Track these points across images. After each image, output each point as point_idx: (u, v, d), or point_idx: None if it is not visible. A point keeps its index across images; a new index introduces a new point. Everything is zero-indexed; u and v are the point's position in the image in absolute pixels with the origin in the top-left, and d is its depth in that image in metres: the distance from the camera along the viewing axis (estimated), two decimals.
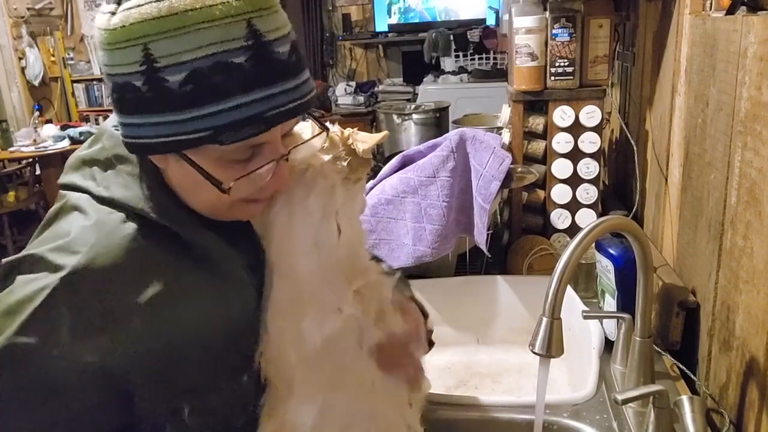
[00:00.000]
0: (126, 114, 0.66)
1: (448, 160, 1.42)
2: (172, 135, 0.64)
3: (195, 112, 0.63)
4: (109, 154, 0.72)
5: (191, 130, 0.63)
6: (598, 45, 1.52)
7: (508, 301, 1.46)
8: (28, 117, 5.71)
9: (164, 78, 0.62)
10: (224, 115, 0.63)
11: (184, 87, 0.62)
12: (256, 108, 0.64)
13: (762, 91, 0.88)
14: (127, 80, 0.64)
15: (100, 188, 0.70)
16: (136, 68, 0.62)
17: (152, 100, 0.63)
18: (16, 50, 5.84)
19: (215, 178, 0.67)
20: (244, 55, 0.62)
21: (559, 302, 0.83)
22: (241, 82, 0.63)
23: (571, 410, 1.07)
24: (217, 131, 0.63)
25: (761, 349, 0.89)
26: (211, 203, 0.72)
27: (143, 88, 0.63)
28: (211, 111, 0.63)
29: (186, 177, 0.70)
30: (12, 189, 4.79)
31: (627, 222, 0.96)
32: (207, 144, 0.65)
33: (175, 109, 0.63)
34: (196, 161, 0.67)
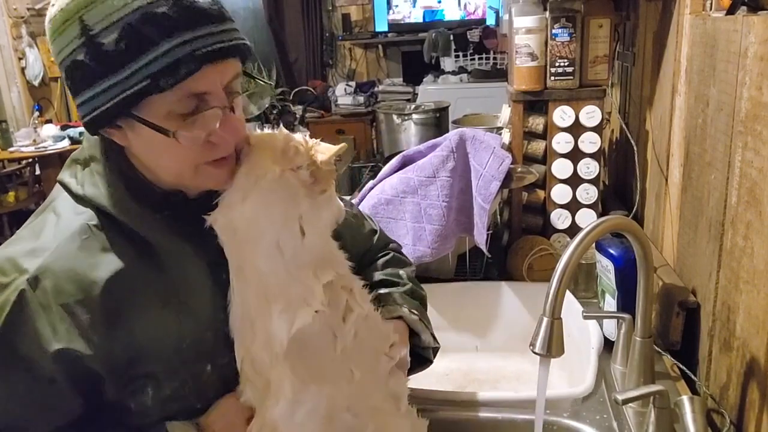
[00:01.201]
0: (80, 93, 0.72)
1: (448, 160, 1.42)
2: (119, 94, 0.69)
3: (133, 66, 0.68)
4: (87, 154, 0.80)
5: (133, 84, 0.69)
6: (598, 45, 1.52)
7: (508, 307, 1.45)
8: (27, 117, 5.71)
9: (101, 42, 0.68)
10: (158, 61, 0.68)
11: (119, 44, 0.68)
12: (185, 49, 0.69)
13: (762, 91, 0.87)
14: (74, 58, 0.70)
15: (78, 186, 0.78)
16: (78, 43, 0.69)
17: (95, 68, 0.69)
18: (15, 50, 5.83)
19: (163, 126, 0.72)
20: (166, 4, 0.69)
21: (560, 302, 0.83)
22: (167, 29, 0.69)
23: (571, 410, 1.07)
24: (155, 78, 0.68)
25: (762, 349, 0.89)
26: (176, 169, 0.77)
27: (86, 59, 0.69)
28: (146, 61, 0.68)
29: (146, 145, 0.75)
30: (12, 189, 4.78)
31: (627, 222, 0.96)
32: (150, 95, 0.69)
33: (115, 69, 0.69)
34: (147, 119, 0.72)
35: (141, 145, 0.76)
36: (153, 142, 0.74)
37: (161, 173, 0.78)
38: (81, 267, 0.74)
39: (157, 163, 0.77)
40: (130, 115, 0.72)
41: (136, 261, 0.76)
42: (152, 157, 0.77)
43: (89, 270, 0.74)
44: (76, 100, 0.74)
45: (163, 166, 0.78)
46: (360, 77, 5.70)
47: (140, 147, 0.76)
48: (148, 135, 0.73)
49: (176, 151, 0.74)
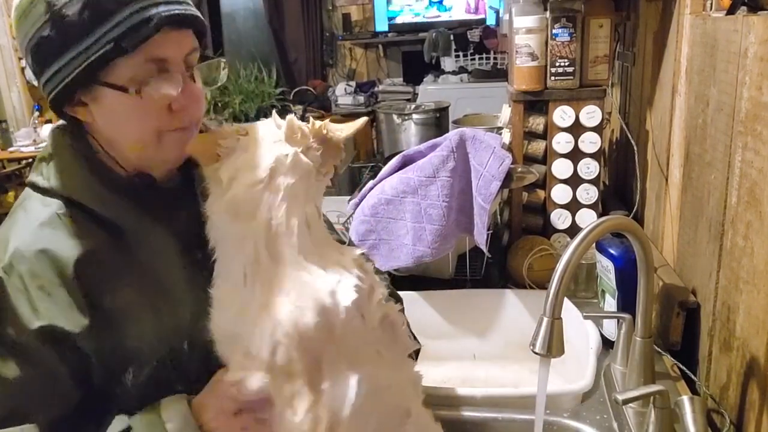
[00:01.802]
0: (47, 68, 0.77)
1: (448, 160, 1.41)
2: (84, 61, 0.75)
3: (97, 33, 0.74)
4: (48, 152, 0.84)
5: (98, 49, 0.74)
6: (598, 45, 1.52)
7: (506, 315, 1.45)
8: (27, 117, 5.70)
9: (65, 14, 0.74)
10: (120, 26, 0.74)
11: (82, 15, 0.74)
12: (144, 14, 0.75)
13: (762, 91, 0.87)
14: (39, 35, 0.76)
15: (45, 181, 0.82)
16: (43, 20, 0.75)
17: (61, 40, 0.75)
18: (16, 50, 5.83)
19: (124, 84, 0.76)
20: None
21: (560, 302, 0.83)
22: None
23: (571, 410, 1.07)
24: (117, 41, 0.74)
25: (762, 349, 0.89)
26: (139, 136, 0.81)
27: (51, 32, 0.75)
28: (109, 27, 0.74)
29: (109, 115, 0.79)
30: (11, 189, 4.78)
31: (627, 222, 0.96)
32: (114, 58, 0.75)
33: (80, 38, 0.75)
34: (111, 82, 0.77)
35: (105, 117, 0.80)
36: (117, 110, 0.78)
37: (126, 145, 0.82)
38: (52, 250, 0.77)
39: (122, 132, 0.81)
40: (95, 81, 0.76)
41: (107, 244, 0.79)
42: (116, 127, 0.81)
43: (60, 252, 0.77)
44: (42, 79, 0.78)
45: (127, 136, 0.81)
46: (360, 77, 5.70)
47: (104, 119, 0.80)
48: (112, 103, 0.78)
49: (139, 116, 0.79)
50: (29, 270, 0.76)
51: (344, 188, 2.74)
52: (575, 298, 1.39)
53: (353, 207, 1.52)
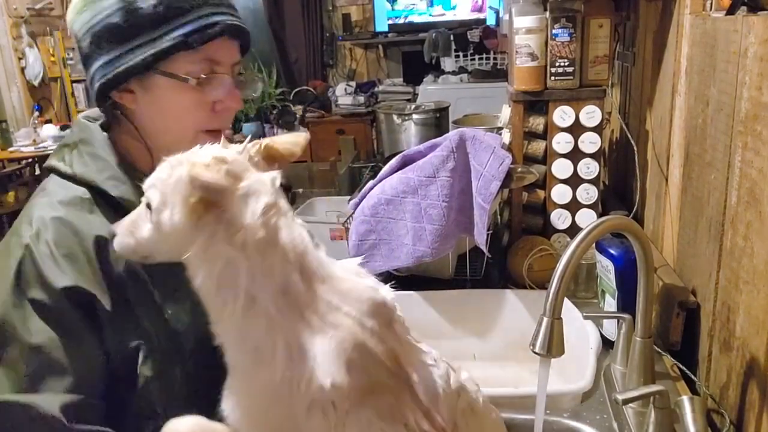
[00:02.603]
0: (106, 52, 0.82)
1: (448, 160, 1.41)
2: (149, 50, 0.81)
3: (166, 27, 0.81)
4: (76, 138, 0.88)
5: (165, 41, 0.81)
6: (598, 45, 1.52)
7: (506, 315, 1.44)
8: (27, 117, 5.70)
9: (139, 6, 0.81)
10: (189, 24, 0.81)
11: (156, 9, 0.81)
12: (212, 18, 0.83)
13: (762, 91, 0.87)
14: (106, 22, 0.81)
15: (66, 167, 0.86)
16: (115, 8, 0.81)
17: (129, 29, 0.81)
18: (15, 50, 5.83)
19: (184, 75, 0.83)
20: None
21: (560, 302, 0.83)
22: (198, 1, 0.83)
23: (571, 410, 1.07)
24: (186, 37, 0.81)
25: (762, 349, 0.89)
26: (179, 131, 0.86)
27: (121, 20, 0.81)
28: (179, 24, 0.81)
29: (155, 106, 0.85)
30: (12, 189, 4.78)
31: (627, 222, 0.96)
32: (179, 51, 0.81)
33: (149, 29, 0.81)
34: (172, 72, 0.83)
35: (152, 106, 0.85)
36: (168, 99, 0.84)
37: (163, 136, 0.86)
38: (74, 223, 0.82)
39: (165, 122, 0.86)
40: (154, 70, 0.82)
41: None
42: (161, 116, 0.86)
43: (81, 226, 0.82)
44: (98, 62, 0.83)
45: (168, 126, 0.86)
46: (360, 77, 5.70)
47: (151, 107, 0.85)
48: (165, 93, 0.84)
49: (187, 108, 0.85)
50: (54, 238, 0.81)
51: (344, 188, 2.74)
52: (575, 298, 1.39)
53: (353, 207, 1.52)
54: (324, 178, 3.32)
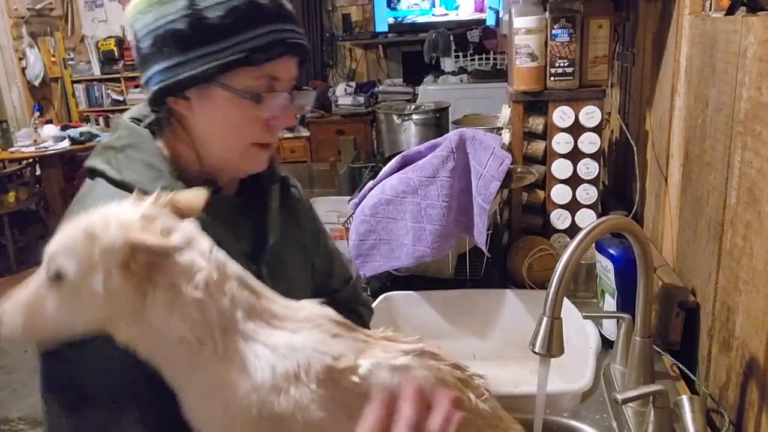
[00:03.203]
0: (167, 57, 0.80)
1: (447, 160, 1.42)
2: (213, 61, 0.79)
3: (233, 40, 0.79)
4: (125, 142, 0.85)
5: (229, 54, 0.79)
6: (597, 45, 1.52)
7: (506, 314, 1.44)
8: (28, 117, 5.71)
9: (206, 16, 0.78)
10: (255, 40, 0.79)
11: (224, 20, 0.78)
12: (277, 35, 0.81)
13: (762, 91, 0.88)
14: (170, 27, 0.79)
15: (114, 171, 0.83)
16: (182, 13, 0.78)
17: (194, 37, 0.79)
18: (16, 50, 5.83)
19: (248, 91, 0.81)
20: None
21: (560, 302, 0.83)
22: (266, 16, 0.80)
23: (571, 410, 1.07)
24: (251, 52, 0.79)
25: (761, 349, 0.89)
26: (231, 144, 0.85)
27: (186, 28, 0.78)
28: (245, 38, 0.79)
29: (211, 117, 0.83)
30: (12, 189, 4.79)
31: (627, 222, 0.96)
32: (242, 66, 0.79)
33: (215, 40, 0.78)
34: (231, 86, 0.81)
35: (207, 116, 0.83)
36: (224, 111, 0.82)
37: (215, 146, 0.85)
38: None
39: (218, 133, 0.84)
40: (215, 81, 0.80)
41: None
42: (215, 127, 0.84)
43: None
44: (157, 66, 0.80)
45: (222, 137, 0.85)
46: (360, 77, 5.70)
47: (206, 117, 0.83)
48: (222, 105, 0.82)
49: (242, 122, 0.83)
50: None
51: (344, 188, 2.74)
52: (575, 298, 1.39)
53: (353, 207, 1.52)
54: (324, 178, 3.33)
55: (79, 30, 6.12)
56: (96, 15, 6.08)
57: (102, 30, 6.05)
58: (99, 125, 6.00)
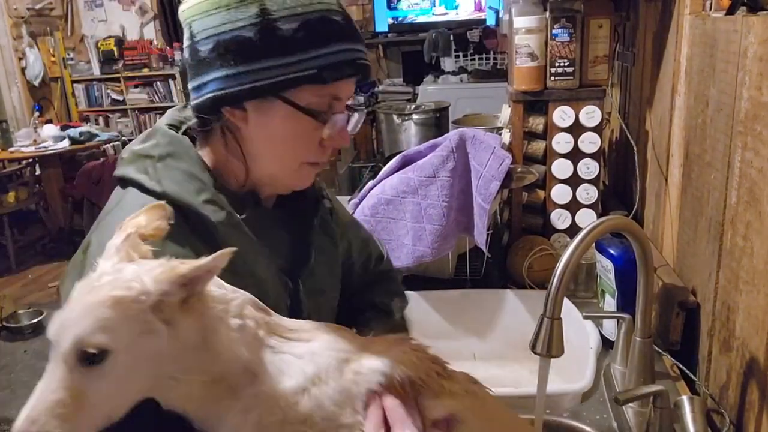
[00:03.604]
0: (230, 66, 0.75)
1: (448, 160, 1.42)
2: (280, 75, 0.75)
3: (304, 55, 0.75)
4: (163, 150, 0.79)
5: (300, 69, 0.75)
6: (598, 45, 1.52)
7: (506, 314, 1.45)
8: (28, 117, 5.71)
9: (279, 27, 0.74)
10: (327, 57, 0.76)
11: (297, 34, 0.74)
12: (348, 55, 0.77)
13: (762, 91, 0.88)
14: (237, 34, 0.74)
15: (153, 182, 0.77)
16: (251, 21, 0.74)
17: (262, 48, 0.74)
18: (16, 50, 5.83)
19: (313, 109, 0.77)
20: (338, 16, 0.78)
21: (560, 302, 0.83)
22: (339, 35, 0.77)
23: (571, 410, 1.07)
24: (321, 70, 0.75)
25: (761, 349, 0.89)
26: (286, 160, 0.81)
27: (255, 37, 0.74)
28: (317, 54, 0.75)
29: (267, 132, 0.79)
30: (12, 189, 4.79)
31: (627, 222, 0.96)
32: (309, 83, 0.75)
33: (285, 53, 0.75)
34: (297, 102, 0.77)
35: (264, 129, 0.79)
36: (283, 127, 0.78)
37: (268, 161, 0.81)
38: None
39: (271, 152, 0.81)
40: (278, 96, 0.76)
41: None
42: (267, 143, 0.80)
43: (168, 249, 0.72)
44: (218, 72, 0.75)
45: (276, 153, 0.81)
46: None
47: (262, 131, 0.79)
48: (282, 120, 0.78)
49: (299, 139, 0.80)
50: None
51: (344, 188, 2.74)
52: (575, 298, 1.39)
53: (353, 207, 1.52)
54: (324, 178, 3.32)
55: (79, 30, 6.12)
56: (96, 15, 6.08)
57: (102, 30, 6.05)
58: (99, 125, 6.01)
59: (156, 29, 6.06)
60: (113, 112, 6.18)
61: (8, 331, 1.53)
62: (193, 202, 0.76)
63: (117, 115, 6.19)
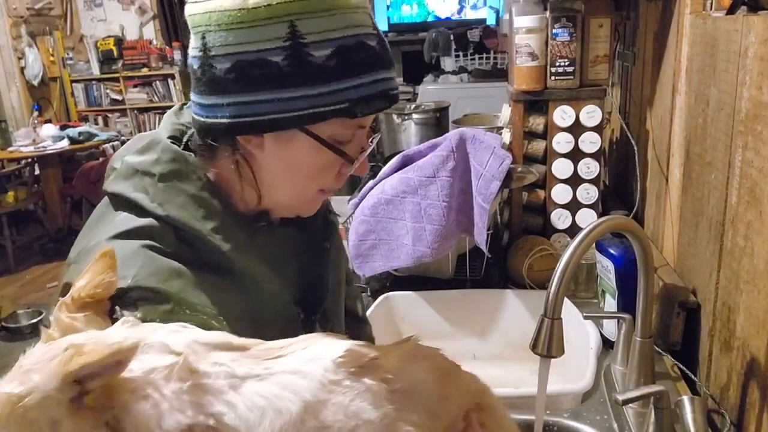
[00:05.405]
0: (251, 91, 0.67)
1: (448, 160, 1.41)
2: (308, 108, 0.67)
3: (334, 86, 0.67)
4: (165, 169, 0.72)
5: (329, 103, 0.67)
6: (598, 45, 1.52)
7: (506, 314, 1.45)
8: (27, 117, 5.70)
9: (310, 53, 0.65)
10: (360, 89, 0.68)
11: (329, 61, 0.66)
12: (382, 86, 0.70)
13: (762, 90, 0.87)
14: (261, 56, 0.66)
15: (154, 204, 0.70)
16: (279, 44, 0.65)
17: (291, 74, 0.66)
18: (15, 50, 5.83)
19: (341, 149, 0.71)
20: (374, 40, 0.70)
21: (560, 302, 0.82)
22: (374, 63, 0.69)
23: (572, 410, 1.07)
24: (353, 104, 0.68)
25: (762, 349, 0.89)
26: (296, 193, 0.76)
27: (282, 62, 0.65)
28: (350, 85, 0.67)
29: (285, 161, 0.72)
30: (11, 189, 4.79)
31: (627, 222, 0.96)
32: (341, 116, 0.68)
33: (315, 83, 0.66)
34: (322, 137, 0.70)
35: (278, 161, 0.72)
36: (297, 161, 0.72)
37: (278, 192, 0.75)
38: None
39: (288, 181, 0.74)
40: (300, 127, 0.69)
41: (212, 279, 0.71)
42: (285, 173, 0.73)
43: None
44: (236, 97, 0.67)
45: (289, 185, 0.75)
46: None
47: (276, 162, 0.72)
48: (301, 151, 0.71)
49: (315, 173, 0.74)
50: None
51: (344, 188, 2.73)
52: (575, 298, 1.39)
53: (353, 207, 1.52)
54: None
55: (78, 29, 6.12)
56: (95, 14, 6.07)
57: (101, 29, 6.05)
58: (98, 125, 6.01)
59: (155, 29, 6.06)
60: (112, 111, 6.18)
61: (7, 331, 1.53)
62: (201, 230, 0.70)
63: (116, 114, 6.19)
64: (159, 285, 0.65)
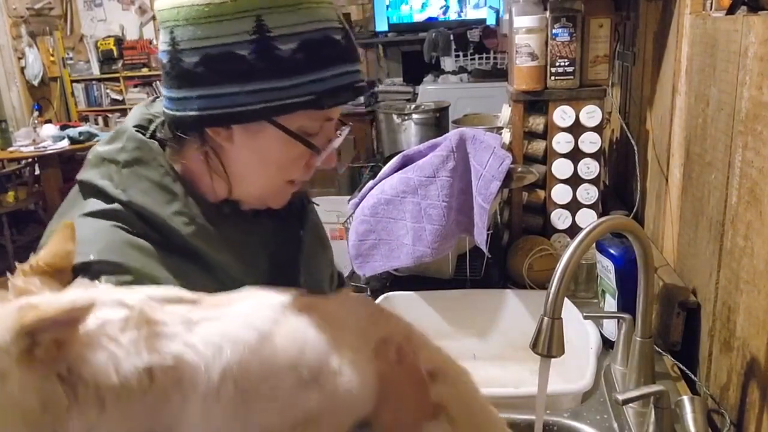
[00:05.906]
0: (218, 84, 0.69)
1: (448, 160, 1.41)
2: (274, 100, 0.69)
3: (301, 79, 0.69)
4: (130, 156, 0.74)
5: (295, 95, 0.69)
6: (598, 45, 1.52)
7: (506, 314, 1.44)
8: (27, 117, 5.70)
9: (276, 46, 0.67)
10: (326, 82, 0.70)
11: (296, 55, 0.68)
12: (347, 78, 0.72)
13: (762, 90, 0.87)
14: (228, 50, 0.67)
15: (117, 190, 0.72)
16: (246, 37, 0.67)
17: (257, 67, 0.68)
18: (15, 50, 5.83)
19: (308, 140, 0.73)
20: (340, 34, 0.72)
21: (560, 302, 0.82)
22: (340, 56, 0.71)
23: (572, 410, 1.07)
24: (319, 96, 0.70)
25: (762, 349, 0.89)
26: (265, 184, 0.77)
27: (249, 56, 0.67)
28: (316, 78, 0.69)
29: (253, 153, 0.74)
30: (11, 189, 4.78)
31: (628, 222, 0.96)
32: (308, 108, 0.70)
33: (282, 75, 0.68)
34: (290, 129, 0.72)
35: (251, 151, 0.74)
36: (266, 152, 0.73)
37: (248, 184, 0.77)
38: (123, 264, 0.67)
39: (256, 172, 0.76)
40: (269, 119, 0.70)
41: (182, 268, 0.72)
42: (253, 165, 0.75)
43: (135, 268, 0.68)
44: (204, 90, 0.69)
45: (257, 177, 0.76)
46: None
47: (245, 154, 0.74)
48: (270, 143, 0.73)
49: (283, 165, 0.75)
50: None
51: (344, 188, 2.74)
52: (575, 298, 1.39)
53: (353, 207, 1.52)
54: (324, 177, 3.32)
55: (78, 29, 6.11)
56: (95, 14, 6.07)
57: (101, 29, 6.05)
58: (98, 125, 6.00)
59: (155, 29, 6.06)
60: (113, 111, 6.18)
61: None
62: (161, 214, 0.71)
63: (116, 114, 6.19)
64: (122, 259, 0.67)
